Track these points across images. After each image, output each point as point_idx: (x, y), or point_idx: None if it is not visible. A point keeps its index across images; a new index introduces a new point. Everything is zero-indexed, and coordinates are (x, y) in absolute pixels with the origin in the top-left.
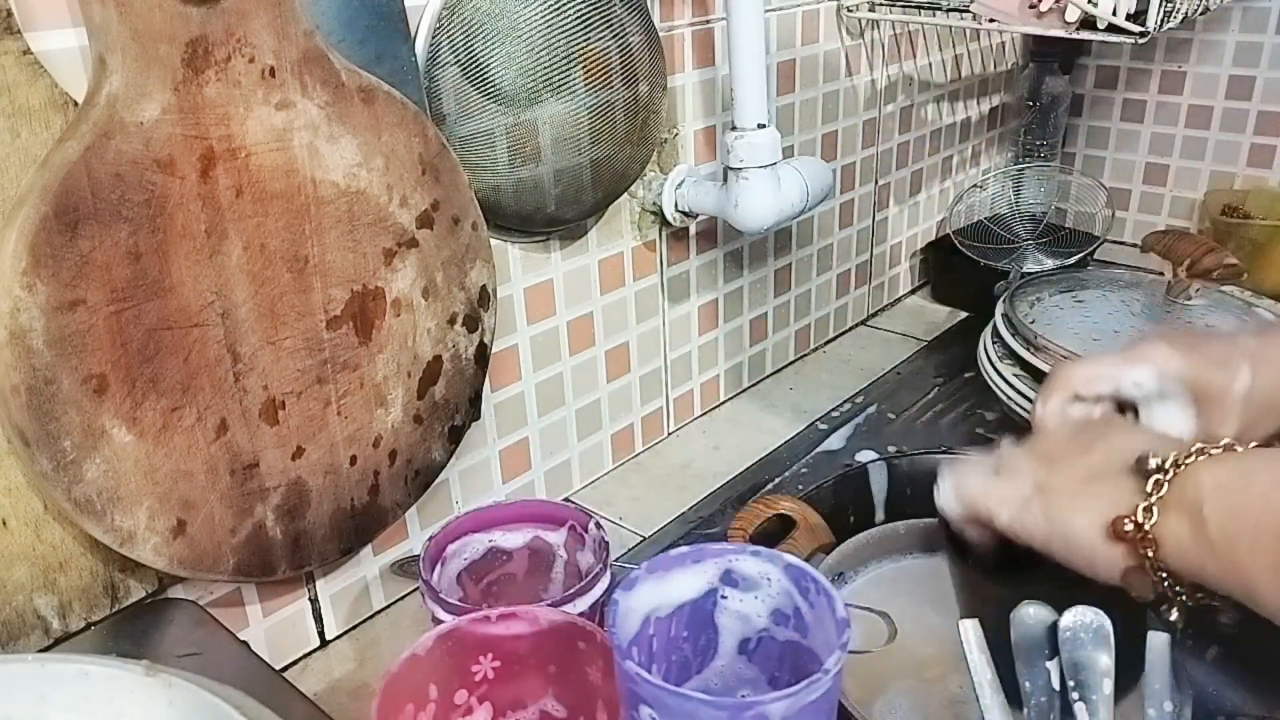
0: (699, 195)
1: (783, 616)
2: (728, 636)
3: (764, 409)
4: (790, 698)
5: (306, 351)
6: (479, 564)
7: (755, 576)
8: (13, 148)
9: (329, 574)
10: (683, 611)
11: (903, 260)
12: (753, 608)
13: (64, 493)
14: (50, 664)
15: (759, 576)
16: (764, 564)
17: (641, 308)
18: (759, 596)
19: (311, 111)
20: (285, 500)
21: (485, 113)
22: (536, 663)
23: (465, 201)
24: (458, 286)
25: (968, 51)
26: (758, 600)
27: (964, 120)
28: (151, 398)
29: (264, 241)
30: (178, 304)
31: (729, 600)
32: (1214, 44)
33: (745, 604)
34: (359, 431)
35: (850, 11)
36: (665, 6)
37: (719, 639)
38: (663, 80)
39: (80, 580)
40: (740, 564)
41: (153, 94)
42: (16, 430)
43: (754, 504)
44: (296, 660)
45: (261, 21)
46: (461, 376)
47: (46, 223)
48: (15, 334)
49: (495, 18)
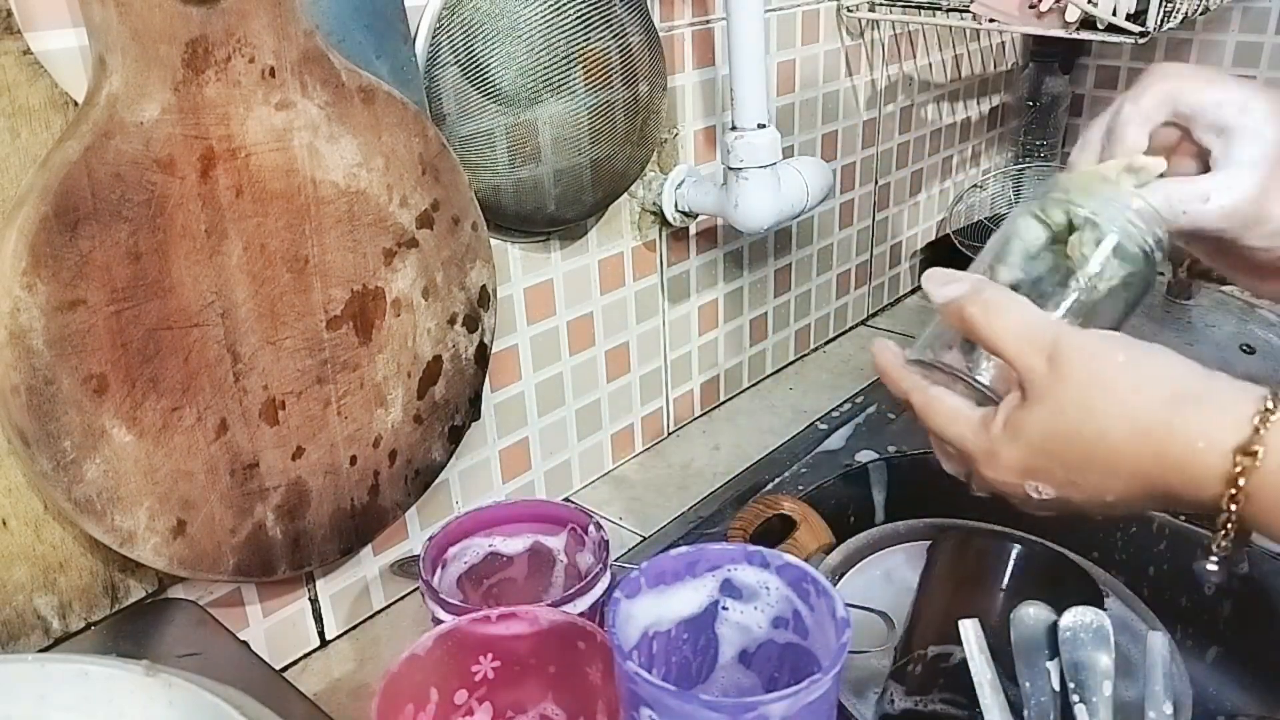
0: (699, 195)
1: (782, 621)
2: (727, 646)
3: (764, 409)
4: (790, 698)
5: (306, 351)
6: (479, 568)
7: (754, 585)
8: (13, 148)
9: (329, 574)
10: (682, 625)
11: (903, 260)
12: (753, 619)
13: (64, 493)
14: (50, 664)
15: (758, 585)
16: (763, 573)
17: (641, 308)
18: (759, 607)
19: (311, 111)
20: (285, 500)
21: (485, 113)
22: (537, 663)
23: (465, 201)
24: (458, 286)
25: (968, 51)
26: (758, 611)
27: (964, 120)
28: (151, 398)
29: (264, 241)
30: (178, 304)
31: (729, 611)
32: (1214, 44)
33: (745, 615)
34: (359, 431)
35: (850, 11)
36: (665, 6)
37: (719, 648)
38: (663, 80)
39: (80, 580)
40: (739, 573)
41: (153, 94)
42: (16, 430)
43: (754, 504)
44: (296, 660)
45: (261, 21)
46: (461, 376)
47: (46, 223)
48: (15, 334)
49: (495, 18)
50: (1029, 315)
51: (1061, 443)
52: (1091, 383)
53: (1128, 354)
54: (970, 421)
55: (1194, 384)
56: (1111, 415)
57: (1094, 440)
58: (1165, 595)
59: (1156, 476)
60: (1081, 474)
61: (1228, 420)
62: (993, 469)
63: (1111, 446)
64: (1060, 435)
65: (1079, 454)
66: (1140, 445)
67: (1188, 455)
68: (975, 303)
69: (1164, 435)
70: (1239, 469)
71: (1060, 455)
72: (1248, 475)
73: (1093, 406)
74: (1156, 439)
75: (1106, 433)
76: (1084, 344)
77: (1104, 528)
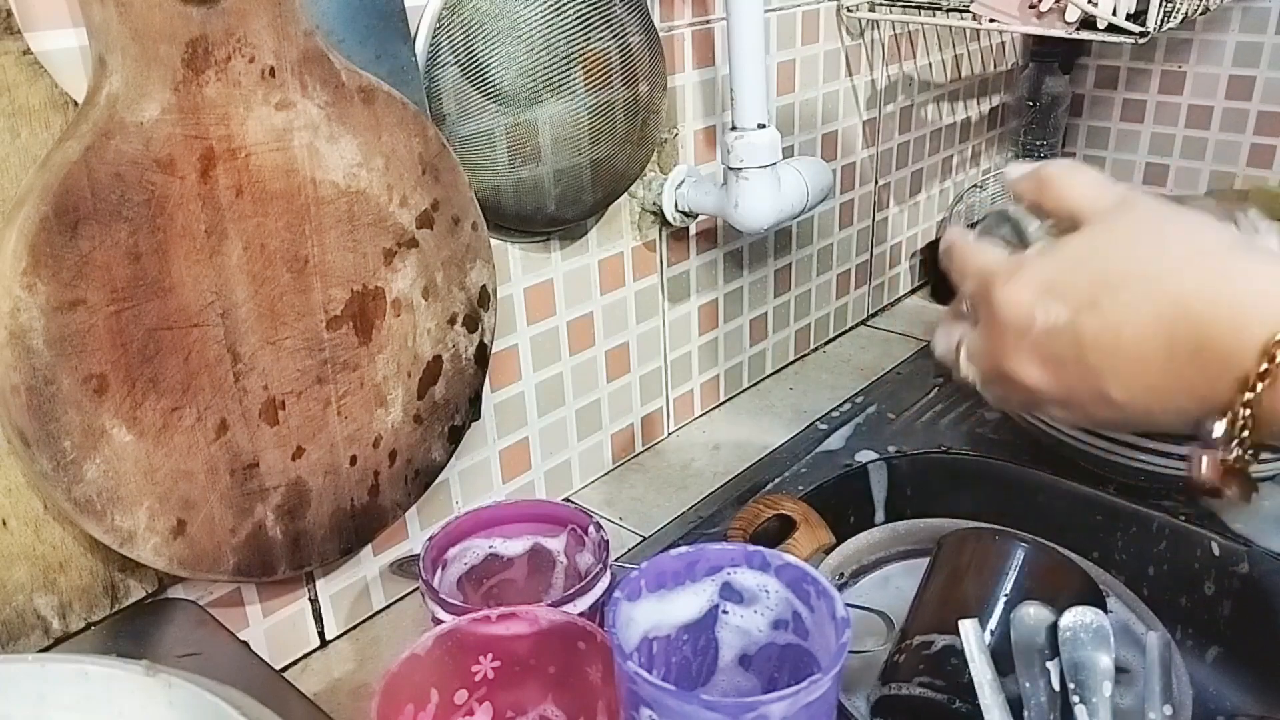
0: (699, 195)
1: (782, 623)
2: (727, 650)
3: (764, 409)
4: (790, 698)
5: (306, 351)
6: (478, 569)
7: (754, 588)
8: (13, 148)
9: (329, 574)
10: (682, 629)
11: (903, 260)
12: (753, 622)
13: (64, 493)
14: (50, 664)
15: (758, 588)
16: (763, 576)
17: (641, 308)
18: (759, 611)
19: (311, 111)
20: (285, 500)
21: (485, 113)
22: (537, 663)
23: (465, 201)
24: (458, 286)
25: (968, 51)
26: (758, 615)
27: (964, 120)
28: (151, 398)
29: (264, 241)
30: (178, 304)
31: (729, 615)
32: (1214, 44)
33: (745, 619)
34: (359, 431)
35: (850, 11)
36: (665, 6)
37: (718, 650)
38: (663, 80)
39: (80, 580)
40: (739, 576)
41: (153, 94)
42: (16, 430)
43: (754, 504)
44: (296, 660)
45: (261, 21)
46: (461, 376)
47: (46, 223)
48: (15, 334)
49: (495, 18)
50: (1100, 177)
51: (1102, 258)
52: (1158, 216)
53: (1192, 215)
54: (1003, 254)
55: (1267, 251)
56: (1172, 238)
57: (1146, 255)
58: (1165, 595)
59: (1197, 307)
60: (1112, 292)
61: (1275, 303)
62: (1008, 287)
63: (1163, 265)
64: (1103, 250)
65: (1119, 268)
66: (1197, 266)
67: (1242, 293)
68: (1050, 167)
69: (1220, 265)
70: None
71: (1097, 267)
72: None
73: (1155, 229)
74: (1214, 263)
75: (1166, 248)
76: (1153, 200)
77: (1104, 528)
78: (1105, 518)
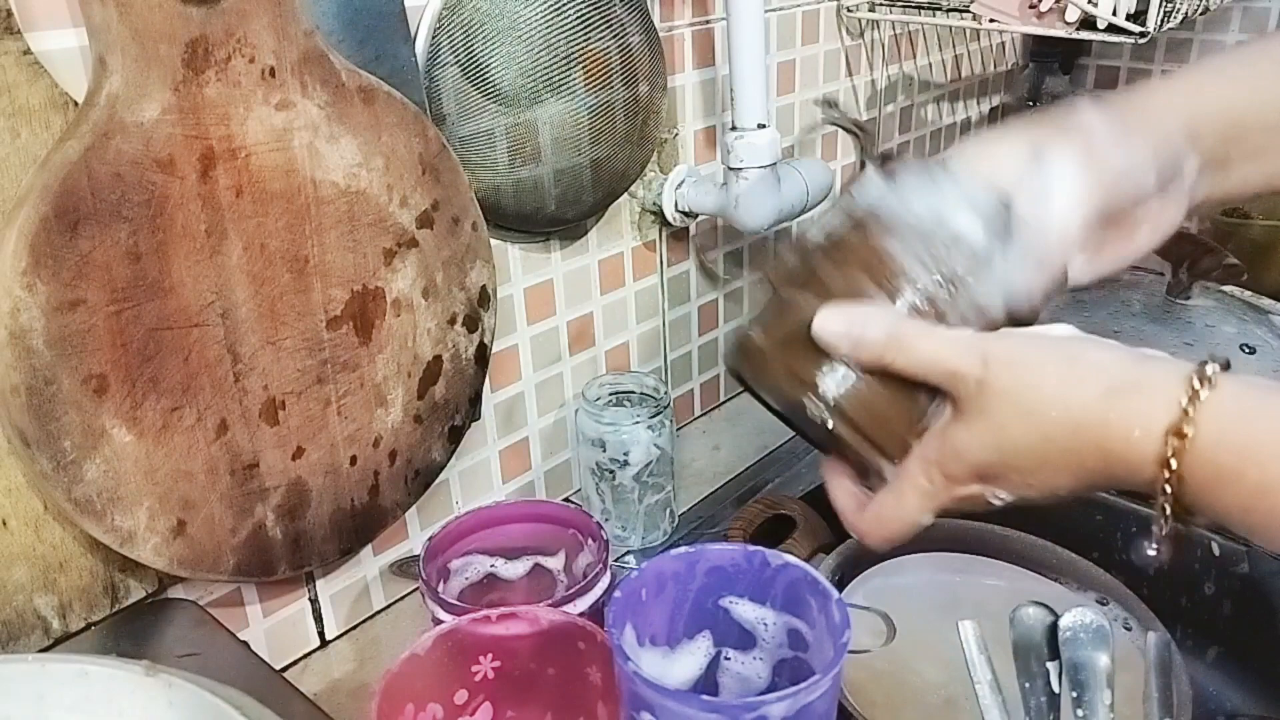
0: (699, 195)
1: (782, 663)
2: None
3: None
4: (790, 698)
5: (306, 351)
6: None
7: (753, 621)
8: (13, 148)
9: (329, 574)
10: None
11: None
12: (753, 669)
13: (64, 493)
14: (50, 664)
15: (756, 622)
16: (760, 609)
17: (641, 308)
18: (759, 656)
19: (311, 111)
20: (285, 500)
21: (485, 113)
22: (537, 663)
23: (465, 201)
24: (458, 286)
25: (968, 51)
26: (759, 661)
27: (964, 120)
28: (151, 398)
29: (264, 241)
30: (178, 304)
31: (731, 662)
32: (1214, 44)
33: (746, 666)
34: (359, 431)
35: (850, 11)
36: (665, 6)
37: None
38: (663, 80)
39: (80, 580)
40: (738, 609)
41: (153, 94)
42: (16, 430)
43: (754, 504)
44: (296, 660)
45: (261, 21)
46: (461, 376)
47: (46, 223)
48: (15, 334)
49: (495, 18)
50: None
51: (1009, 453)
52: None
53: (1057, 353)
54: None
55: (1127, 372)
56: (1050, 419)
57: (1040, 445)
58: (1165, 595)
59: (1102, 469)
60: (1035, 475)
61: (1159, 404)
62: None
63: (1058, 448)
64: (1007, 447)
65: (1029, 460)
66: (1083, 442)
67: (1125, 445)
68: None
69: (1101, 430)
70: (1171, 451)
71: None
72: (1180, 456)
73: (1031, 411)
74: (1096, 434)
75: (1050, 436)
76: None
77: (1104, 527)
78: (1105, 518)
